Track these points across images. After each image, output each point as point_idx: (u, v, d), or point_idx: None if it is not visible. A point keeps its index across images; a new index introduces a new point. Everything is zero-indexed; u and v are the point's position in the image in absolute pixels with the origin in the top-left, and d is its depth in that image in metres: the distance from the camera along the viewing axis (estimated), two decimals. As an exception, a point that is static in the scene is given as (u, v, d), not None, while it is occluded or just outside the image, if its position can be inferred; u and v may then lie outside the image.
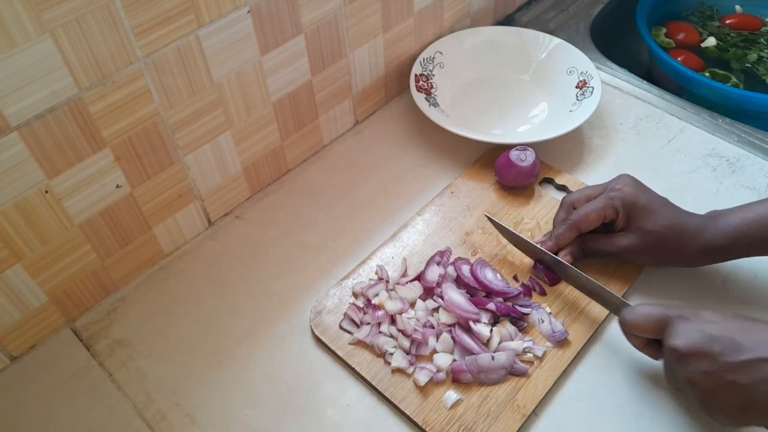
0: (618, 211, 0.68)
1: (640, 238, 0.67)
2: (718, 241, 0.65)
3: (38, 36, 0.53)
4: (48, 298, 0.67)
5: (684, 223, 0.66)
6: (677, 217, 0.67)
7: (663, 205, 0.68)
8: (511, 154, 0.78)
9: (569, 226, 0.70)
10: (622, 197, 0.68)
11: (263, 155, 0.80)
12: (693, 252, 0.66)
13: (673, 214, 0.67)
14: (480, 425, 0.60)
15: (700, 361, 0.53)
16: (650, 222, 0.66)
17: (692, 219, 0.67)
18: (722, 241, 0.64)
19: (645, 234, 0.67)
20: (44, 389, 0.66)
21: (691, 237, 0.66)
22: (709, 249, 0.65)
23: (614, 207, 0.68)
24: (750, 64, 1.08)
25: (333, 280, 0.73)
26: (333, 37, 0.78)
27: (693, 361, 0.54)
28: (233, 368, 0.67)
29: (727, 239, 0.64)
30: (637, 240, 0.67)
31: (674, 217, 0.66)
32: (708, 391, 0.53)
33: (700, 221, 0.66)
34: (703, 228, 0.65)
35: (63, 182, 0.61)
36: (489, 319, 0.66)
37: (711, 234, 0.65)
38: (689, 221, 0.66)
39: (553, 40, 0.94)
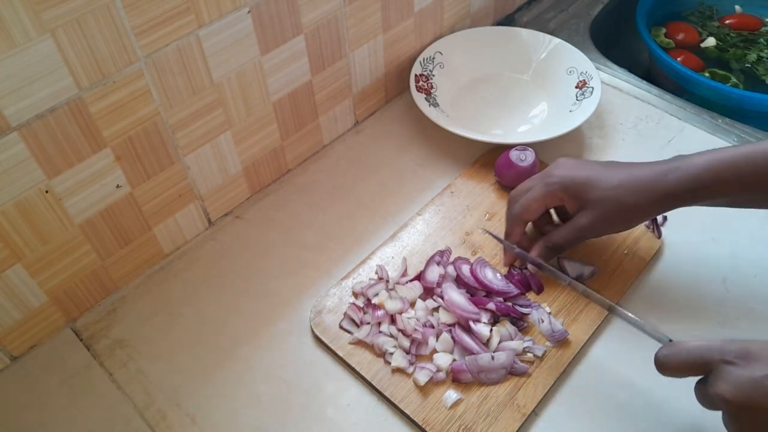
0: (560, 197, 0.66)
1: (595, 210, 0.65)
2: (682, 184, 0.61)
3: (38, 36, 0.53)
4: (48, 298, 0.67)
5: (635, 176, 0.63)
6: (626, 173, 0.64)
7: (606, 170, 0.65)
8: (511, 154, 0.78)
9: (513, 220, 0.69)
10: (558, 181, 0.66)
11: (263, 155, 0.80)
12: (655, 201, 0.63)
13: (620, 173, 0.64)
14: (480, 425, 0.60)
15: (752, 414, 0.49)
16: (597, 191, 0.64)
17: (645, 168, 0.64)
18: (687, 184, 0.61)
19: (597, 204, 0.64)
20: (44, 389, 0.66)
21: (648, 186, 0.63)
22: (672, 194, 0.62)
23: (553, 193, 0.66)
24: (750, 64, 1.08)
25: (333, 280, 0.73)
26: (333, 37, 0.78)
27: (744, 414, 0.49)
28: (233, 368, 0.67)
29: (694, 183, 0.61)
30: (594, 213, 0.65)
31: (622, 176, 0.64)
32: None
33: (657, 167, 0.63)
34: (663, 173, 0.62)
35: (63, 182, 0.61)
36: (489, 319, 0.66)
37: (674, 178, 0.62)
38: (641, 172, 0.64)
39: (553, 40, 0.94)
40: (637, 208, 0.64)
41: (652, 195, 0.63)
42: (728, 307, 0.68)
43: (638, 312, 0.68)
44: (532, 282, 0.69)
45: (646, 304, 0.69)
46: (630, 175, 0.64)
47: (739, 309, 0.68)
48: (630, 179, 0.64)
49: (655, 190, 0.62)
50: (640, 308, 0.69)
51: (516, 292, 0.68)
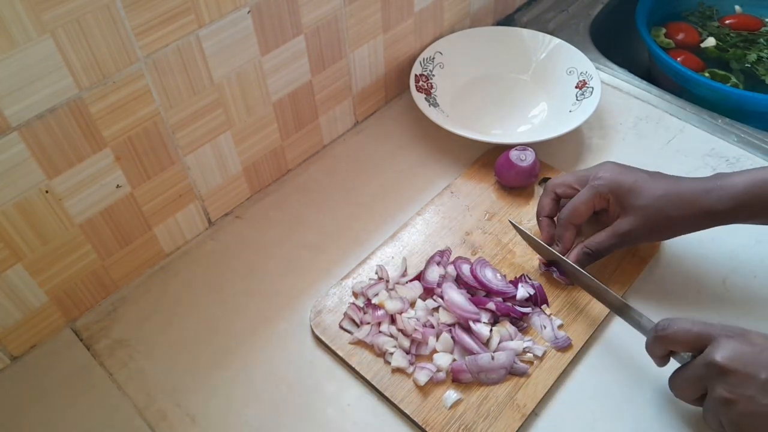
0: (607, 199, 0.67)
1: (638, 218, 0.65)
2: (723, 203, 0.62)
3: (39, 36, 0.53)
4: (48, 298, 0.67)
5: (679, 189, 0.64)
6: (670, 185, 0.65)
7: (651, 179, 0.66)
8: (511, 154, 0.78)
9: (563, 225, 0.69)
10: (606, 183, 0.66)
11: (263, 155, 0.80)
12: (696, 216, 0.64)
13: (664, 184, 0.65)
14: (480, 425, 0.60)
15: (745, 383, 0.50)
16: (642, 198, 0.65)
17: (688, 184, 0.65)
18: (728, 203, 0.62)
19: (641, 211, 0.65)
20: (44, 389, 0.66)
21: (691, 202, 0.63)
22: (713, 213, 0.63)
23: (601, 195, 0.67)
24: (749, 65, 1.08)
25: (333, 280, 0.73)
26: (333, 37, 0.78)
27: (737, 381, 0.51)
28: (233, 368, 0.67)
29: (735, 202, 0.62)
30: (636, 220, 0.65)
31: (667, 187, 0.65)
32: (745, 415, 0.51)
33: (699, 184, 0.64)
34: (705, 191, 0.63)
35: (63, 182, 0.61)
36: (489, 319, 0.66)
37: (716, 196, 0.62)
38: (685, 186, 0.64)
39: (552, 40, 0.94)
40: (678, 221, 0.64)
41: (694, 210, 0.63)
42: (728, 307, 0.68)
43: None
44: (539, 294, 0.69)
45: (646, 304, 0.69)
46: (674, 187, 0.65)
47: (739, 309, 0.68)
48: (674, 191, 0.64)
49: (697, 207, 0.63)
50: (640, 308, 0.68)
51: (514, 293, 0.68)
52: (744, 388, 0.51)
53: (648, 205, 0.65)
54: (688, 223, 0.65)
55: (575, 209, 0.68)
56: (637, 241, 0.68)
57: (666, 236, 0.68)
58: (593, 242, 0.68)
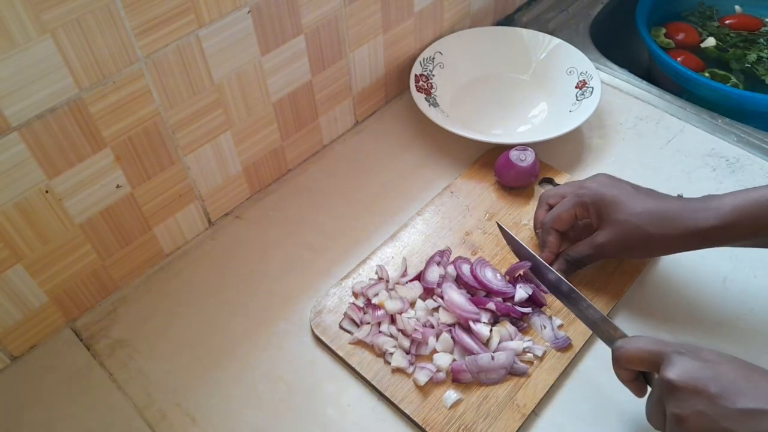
0: (588, 209, 0.67)
1: (615, 231, 0.65)
2: (709, 223, 0.61)
3: (39, 36, 0.53)
4: (48, 298, 0.67)
5: (663, 208, 0.63)
6: (654, 203, 0.64)
7: (636, 195, 0.65)
8: (510, 154, 0.78)
9: (546, 230, 0.70)
10: (589, 194, 0.66)
11: (263, 155, 0.80)
12: (677, 236, 0.62)
13: (649, 201, 0.64)
14: (480, 425, 0.60)
15: (694, 399, 0.49)
16: (622, 212, 0.64)
17: (674, 203, 0.64)
18: (714, 222, 0.61)
19: (619, 225, 0.64)
20: (44, 389, 0.66)
21: (672, 220, 0.62)
22: (699, 232, 0.61)
23: (583, 204, 0.67)
24: (749, 65, 1.08)
25: (333, 280, 0.73)
26: (333, 37, 0.78)
27: (687, 398, 0.50)
28: (233, 368, 0.67)
29: (721, 221, 0.60)
30: (613, 233, 0.65)
31: (650, 204, 0.64)
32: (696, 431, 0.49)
33: (686, 204, 0.63)
34: (692, 210, 0.62)
35: (63, 182, 0.61)
36: (489, 319, 0.66)
37: (702, 216, 0.61)
38: (667, 206, 0.64)
39: (552, 40, 0.94)
40: (656, 239, 0.63)
41: (675, 230, 0.62)
42: (728, 307, 0.68)
43: (639, 313, 0.68)
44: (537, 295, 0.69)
45: (646, 304, 0.69)
46: (657, 206, 0.64)
47: (739, 309, 0.68)
48: (657, 209, 0.64)
49: (680, 227, 0.62)
50: (640, 309, 0.69)
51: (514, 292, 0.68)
52: (694, 404, 0.49)
53: (625, 221, 0.64)
54: (667, 242, 0.64)
55: (557, 216, 0.69)
56: (614, 255, 0.67)
57: (645, 254, 0.68)
58: (572, 251, 0.69)
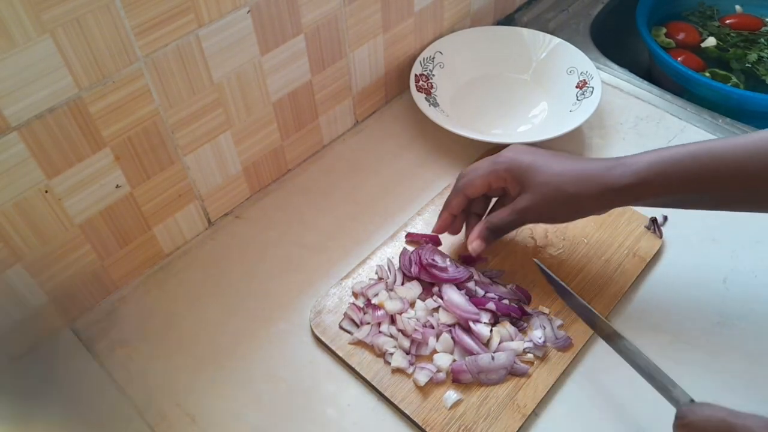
0: (504, 178, 0.66)
1: (535, 194, 0.64)
2: (625, 179, 0.61)
3: (38, 36, 0.53)
4: (48, 298, 0.67)
5: (580, 168, 0.63)
6: (571, 164, 0.64)
7: (552, 158, 0.65)
8: None
9: (455, 192, 0.70)
10: (504, 161, 0.66)
11: (263, 155, 0.80)
12: (596, 193, 0.62)
13: (566, 162, 0.65)
14: (480, 425, 0.60)
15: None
16: (539, 175, 0.64)
17: (592, 163, 0.64)
18: (630, 180, 0.61)
19: (538, 187, 0.64)
20: (44, 389, 0.66)
21: (590, 178, 0.62)
22: (617, 188, 0.61)
23: (497, 173, 0.66)
24: (750, 64, 1.08)
25: (333, 280, 0.73)
26: (333, 37, 0.78)
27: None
28: (233, 368, 0.67)
29: (636, 178, 0.61)
30: (533, 196, 0.64)
31: (566, 165, 0.64)
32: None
33: (603, 163, 0.63)
34: (607, 168, 0.62)
35: (63, 182, 0.61)
36: (489, 319, 0.66)
37: (619, 173, 0.61)
38: (585, 166, 0.64)
39: (553, 40, 0.94)
40: (576, 198, 0.63)
41: (592, 187, 0.62)
42: (728, 307, 0.68)
43: (639, 312, 0.68)
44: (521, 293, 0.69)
45: (646, 304, 0.69)
46: (574, 166, 0.64)
47: (739, 309, 0.68)
48: (574, 169, 0.64)
49: (597, 183, 0.62)
50: (640, 309, 0.69)
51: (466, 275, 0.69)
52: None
53: (545, 182, 0.64)
54: (587, 201, 0.63)
55: (471, 181, 0.68)
56: (539, 218, 0.67)
57: (567, 214, 0.66)
58: (494, 217, 0.68)
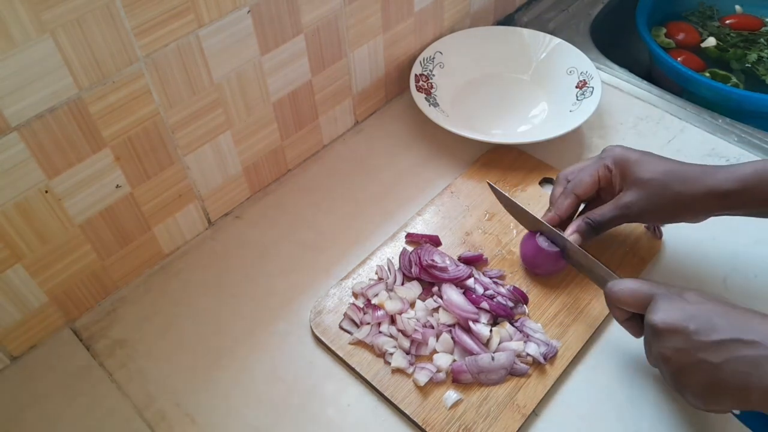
0: (611, 171, 0.66)
1: (642, 190, 0.64)
2: (730, 183, 0.62)
3: (38, 36, 0.53)
4: (48, 298, 0.67)
5: (685, 168, 0.64)
6: (677, 165, 0.65)
7: (658, 157, 0.66)
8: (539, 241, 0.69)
9: (566, 193, 0.69)
10: (612, 156, 0.67)
11: (263, 155, 0.80)
12: (701, 194, 0.63)
13: (671, 162, 0.65)
14: (480, 425, 0.60)
15: (674, 338, 0.53)
16: (647, 171, 0.64)
17: (695, 167, 0.65)
18: (734, 185, 0.61)
19: (645, 184, 0.64)
20: (44, 389, 0.66)
21: (696, 179, 0.63)
22: (719, 194, 0.62)
23: (606, 166, 0.66)
24: (750, 65, 1.08)
25: (333, 280, 0.73)
26: (333, 37, 0.78)
27: (668, 337, 0.54)
28: (233, 368, 0.67)
29: (742, 185, 0.61)
30: (639, 192, 0.64)
31: (673, 165, 0.65)
32: (679, 367, 0.53)
33: (705, 168, 0.64)
34: (712, 172, 0.63)
35: (63, 182, 0.61)
36: (488, 320, 0.66)
37: (722, 177, 0.62)
38: (691, 167, 0.64)
39: (553, 40, 0.94)
40: (681, 197, 0.64)
41: (698, 188, 0.63)
42: (728, 307, 0.68)
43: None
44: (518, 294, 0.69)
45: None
46: (680, 166, 0.65)
47: (740, 309, 0.68)
48: (680, 169, 0.64)
49: (702, 184, 0.63)
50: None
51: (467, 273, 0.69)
52: (675, 342, 0.53)
53: (653, 179, 0.64)
54: (692, 202, 0.64)
55: (580, 180, 0.68)
56: (639, 217, 0.66)
57: (669, 214, 0.66)
58: (595, 213, 0.67)
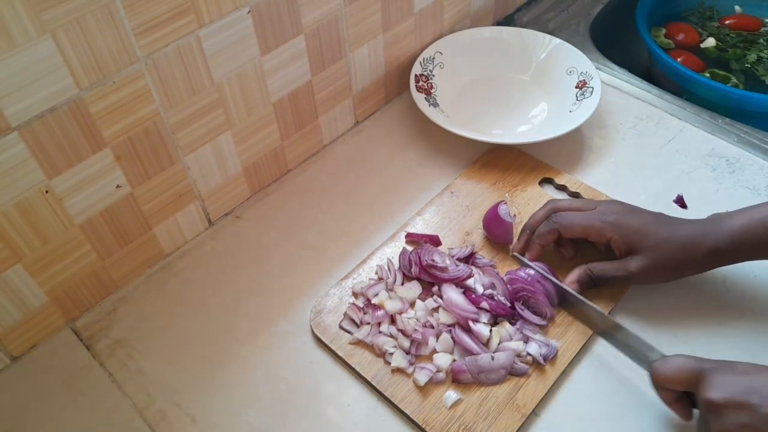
0: (610, 237, 0.67)
1: (647, 258, 0.66)
2: (723, 244, 0.64)
3: (39, 36, 0.53)
4: (48, 298, 0.67)
5: (683, 233, 0.65)
6: (675, 229, 0.66)
7: (657, 222, 0.67)
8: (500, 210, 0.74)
9: (550, 227, 0.69)
10: (614, 222, 0.67)
11: (263, 155, 0.80)
12: (698, 259, 0.65)
13: (669, 227, 0.66)
14: (480, 425, 0.60)
15: (737, 413, 0.51)
16: (650, 239, 0.66)
17: (690, 227, 0.66)
18: (727, 244, 0.64)
19: (650, 252, 0.66)
20: (44, 389, 0.66)
21: (694, 244, 0.65)
22: (715, 253, 0.64)
23: (603, 230, 0.67)
24: (749, 65, 1.08)
25: (333, 280, 0.73)
26: (333, 37, 0.78)
27: (730, 413, 0.51)
28: (233, 368, 0.67)
29: (733, 242, 0.63)
30: (646, 260, 0.66)
31: (672, 230, 0.66)
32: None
33: (699, 228, 0.65)
34: (705, 233, 0.65)
35: (63, 182, 0.61)
36: (488, 320, 0.66)
37: (715, 238, 0.64)
38: (688, 230, 0.66)
39: (553, 40, 0.94)
40: (683, 264, 0.66)
41: (696, 253, 0.65)
42: (728, 307, 0.68)
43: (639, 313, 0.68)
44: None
45: (646, 304, 0.69)
46: (676, 231, 0.66)
47: (739, 309, 0.68)
48: (681, 235, 0.65)
49: (699, 249, 0.65)
50: (640, 309, 0.69)
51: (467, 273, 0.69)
52: (738, 418, 0.51)
53: (656, 246, 0.65)
54: (694, 264, 0.66)
55: (571, 225, 0.68)
56: (644, 281, 0.67)
57: (672, 277, 0.68)
58: (598, 268, 0.68)
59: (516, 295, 0.67)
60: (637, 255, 0.66)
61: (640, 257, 0.66)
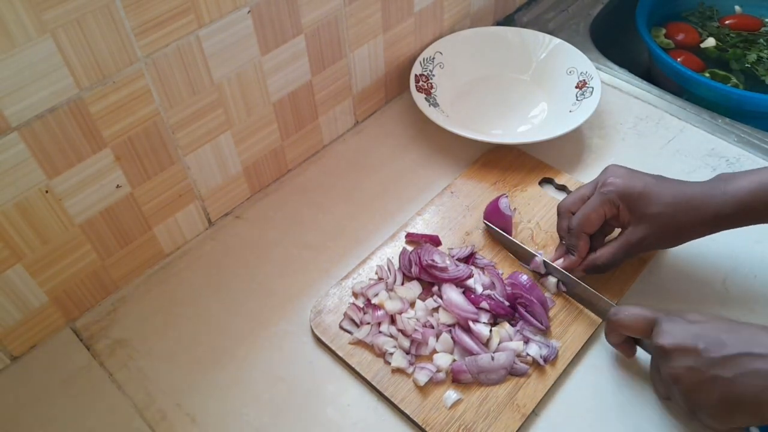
0: (617, 205, 0.66)
1: (651, 225, 0.64)
2: (728, 207, 0.62)
3: (39, 36, 0.53)
4: (48, 298, 0.67)
5: (688, 194, 0.64)
6: (677, 191, 0.65)
7: (658, 184, 0.65)
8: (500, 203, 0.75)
9: (576, 234, 0.68)
10: (616, 190, 0.66)
11: (263, 155, 0.80)
12: (705, 221, 0.64)
13: (673, 189, 0.65)
14: (480, 425, 0.60)
15: (684, 357, 0.55)
16: (654, 205, 0.64)
17: (693, 188, 0.65)
18: (733, 207, 0.62)
19: (654, 218, 0.64)
20: (44, 389, 0.66)
21: (698, 207, 0.63)
22: (720, 216, 0.63)
23: (611, 201, 0.66)
24: (749, 65, 1.08)
25: (333, 280, 0.73)
26: (333, 37, 0.78)
27: (678, 357, 0.55)
28: (233, 368, 0.67)
29: (740, 205, 0.62)
30: (649, 227, 0.64)
31: (674, 193, 0.64)
32: (692, 386, 0.54)
33: (704, 189, 0.64)
34: (710, 195, 0.63)
35: (63, 182, 0.61)
36: (488, 320, 0.66)
37: (721, 200, 0.63)
38: (690, 191, 0.64)
39: (553, 40, 0.94)
40: (687, 227, 0.65)
41: (702, 215, 0.64)
42: (728, 307, 0.68)
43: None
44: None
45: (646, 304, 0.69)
46: (681, 193, 0.65)
47: (739, 309, 0.68)
48: (682, 197, 0.64)
49: (705, 211, 0.64)
50: (640, 308, 0.69)
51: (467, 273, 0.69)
52: (685, 361, 0.55)
53: (660, 213, 0.64)
54: (697, 229, 0.65)
55: (586, 218, 0.67)
56: (648, 249, 0.67)
57: (675, 243, 0.67)
58: (603, 255, 0.67)
59: (515, 301, 0.67)
60: (641, 223, 0.65)
61: (644, 225, 0.65)
